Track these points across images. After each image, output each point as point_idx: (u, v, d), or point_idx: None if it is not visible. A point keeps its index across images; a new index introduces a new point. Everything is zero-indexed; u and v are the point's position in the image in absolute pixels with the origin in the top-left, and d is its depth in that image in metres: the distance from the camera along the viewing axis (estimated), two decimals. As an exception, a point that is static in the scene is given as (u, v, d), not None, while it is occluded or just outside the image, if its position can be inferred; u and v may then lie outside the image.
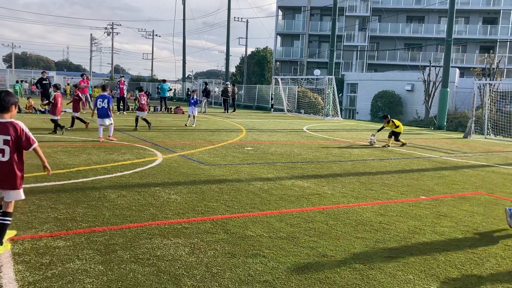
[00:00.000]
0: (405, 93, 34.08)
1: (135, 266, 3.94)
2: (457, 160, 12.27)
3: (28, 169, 7.91)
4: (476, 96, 21.55)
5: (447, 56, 25.33)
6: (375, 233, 5.28)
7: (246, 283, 3.73)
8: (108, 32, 73.27)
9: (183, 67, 57.30)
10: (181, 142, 12.94)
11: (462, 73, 41.58)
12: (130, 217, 5.40)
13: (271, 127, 19.98)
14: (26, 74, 67.43)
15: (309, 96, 32.47)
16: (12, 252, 4.12)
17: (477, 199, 7.38)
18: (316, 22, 53.25)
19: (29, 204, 5.72)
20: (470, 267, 4.35)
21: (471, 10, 48.00)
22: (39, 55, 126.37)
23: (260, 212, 5.91)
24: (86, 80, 26.14)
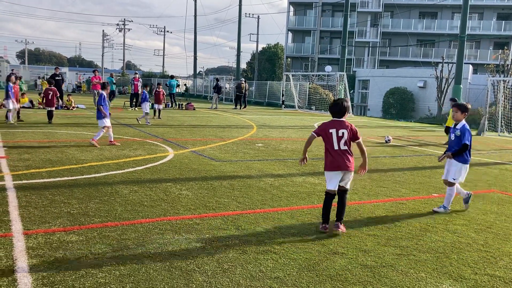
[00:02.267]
0: (417, 89, 33.77)
1: (147, 261, 3.97)
2: (470, 157, 12.12)
3: (40, 164, 8.01)
4: (489, 93, 21.31)
5: (460, 53, 25.04)
6: (387, 230, 5.25)
7: (257, 279, 3.74)
8: (120, 28, 73.62)
9: (194, 63, 57.47)
10: (192, 138, 12.98)
11: (476, 69, 41.10)
12: (142, 212, 5.43)
13: (282, 124, 19.95)
14: (39, 70, 68.07)
15: (320, 93, 32.33)
16: (26, 246, 4.17)
17: (490, 197, 7.30)
18: (328, 18, 52.97)
19: (42, 199, 5.78)
20: (483, 265, 4.30)
21: (485, 6, 47.37)
22: (52, 51, 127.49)
23: (271, 208, 5.92)
24: (98, 76, 26.36)
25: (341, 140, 5.00)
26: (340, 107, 5.13)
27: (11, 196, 5.85)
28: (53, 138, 11.54)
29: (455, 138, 6.16)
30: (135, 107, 25.20)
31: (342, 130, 5.02)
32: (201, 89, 51.86)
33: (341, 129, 5.03)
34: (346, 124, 5.08)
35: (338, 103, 5.15)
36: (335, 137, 5.01)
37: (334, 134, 5.02)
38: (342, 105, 5.13)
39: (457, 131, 6.12)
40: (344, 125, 5.07)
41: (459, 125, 6.17)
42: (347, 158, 5.02)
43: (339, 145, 5.00)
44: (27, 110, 21.03)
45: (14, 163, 7.96)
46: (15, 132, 12.42)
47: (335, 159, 5.01)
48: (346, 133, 5.03)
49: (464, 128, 6.10)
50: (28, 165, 7.90)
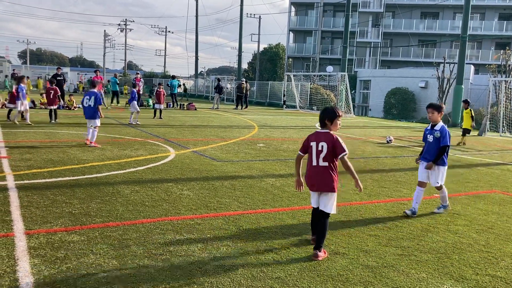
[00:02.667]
0: (418, 90, 33.75)
1: (148, 261, 3.98)
2: (471, 158, 12.13)
3: (42, 164, 8.02)
4: (491, 93, 21.27)
5: (462, 53, 25.02)
6: (388, 230, 5.25)
7: (258, 279, 3.74)
8: (121, 29, 73.67)
9: (196, 64, 57.46)
10: (194, 138, 12.99)
11: (477, 70, 41.05)
12: (143, 212, 5.44)
13: (284, 124, 19.95)
14: (41, 70, 68.18)
15: (321, 93, 32.32)
16: (28, 246, 4.18)
17: (492, 198, 7.29)
18: (329, 18, 52.96)
19: (44, 199, 5.79)
20: (485, 266, 4.30)
21: (487, 6, 47.31)
22: (54, 51, 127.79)
23: (273, 208, 5.92)
24: (99, 77, 26.39)
25: (320, 154, 4.33)
26: (321, 115, 4.48)
27: (13, 196, 5.86)
28: (55, 138, 11.56)
29: (433, 140, 5.93)
30: (136, 107, 25.21)
31: (321, 143, 4.34)
32: (202, 89, 51.88)
33: (321, 142, 4.35)
34: (329, 136, 4.37)
35: (324, 109, 4.54)
36: (314, 151, 4.38)
37: (314, 147, 4.40)
38: (324, 112, 4.47)
39: (437, 133, 5.90)
40: (325, 138, 4.37)
41: (437, 126, 5.95)
42: (325, 176, 4.34)
43: (317, 160, 4.35)
44: (29, 110, 21.04)
45: (16, 163, 7.97)
46: (17, 132, 12.44)
47: (311, 176, 4.40)
48: (325, 147, 4.33)
49: (444, 129, 5.91)
50: (30, 165, 7.91)
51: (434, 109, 5.95)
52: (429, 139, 5.99)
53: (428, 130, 6.09)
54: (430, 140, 5.97)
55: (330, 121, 4.41)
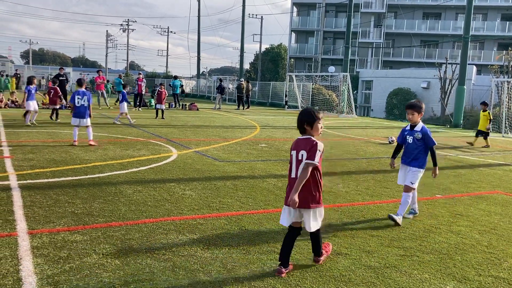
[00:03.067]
0: (420, 90, 33.71)
1: (151, 261, 3.99)
2: (474, 158, 12.11)
3: (45, 164, 8.04)
4: (493, 94, 21.26)
5: (464, 53, 24.99)
6: (390, 231, 5.25)
7: (261, 279, 3.74)
8: (123, 29, 73.81)
9: (198, 64, 57.52)
10: (196, 139, 13.00)
11: (479, 70, 40.99)
12: (146, 212, 5.45)
13: (285, 124, 19.95)
14: (43, 70, 68.30)
15: (323, 93, 32.32)
16: (31, 246, 4.19)
17: (494, 198, 7.28)
18: (331, 19, 52.96)
19: (47, 198, 5.81)
20: (487, 267, 4.30)
21: (489, 7, 47.25)
22: (56, 51, 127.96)
23: (275, 209, 5.92)
24: (102, 77, 26.44)
25: (300, 165, 3.84)
26: (299, 119, 3.97)
27: (16, 195, 5.87)
28: (57, 138, 11.58)
29: (413, 141, 5.61)
30: (139, 107, 25.27)
31: (301, 152, 3.85)
32: (204, 89, 51.91)
33: (301, 150, 3.86)
34: (309, 143, 3.86)
35: (301, 112, 4.00)
36: (294, 160, 3.89)
37: (294, 157, 3.91)
38: (302, 116, 3.95)
39: (417, 134, 5.57)
40: (305, 145, 3.85)
41: (417, 127, 5.62)
42: (303, 191, 3.81)
43: (297, 171, 3.85)
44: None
45: (18, 163, 7.99)
46: (19, 132, 12.47)
47: (289, 190, 3.89)
48: (305, 156, 3.82)
49: (425, 130, 5.60)
50: (33, 165, 7.93)
51: (415, 110, 5.61)
52: (409, 140, 5.68)
53: (407, 131, 5.75)
54: (410, 141, 5.67)
55: (309, 125, 3.91)
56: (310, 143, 3.85)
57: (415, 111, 5.60)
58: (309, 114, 3.92)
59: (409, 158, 5.68)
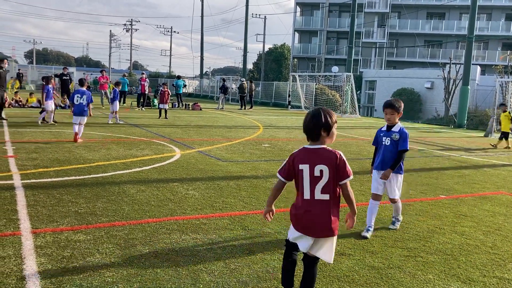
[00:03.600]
0: (424, 90, 33.63)
1: (154, 261, 3.98)
2: (478, 159, 12.07)
3: (48, 163, 8.06)
4: (498, 94, 21.16)
5: (468, 53, 24.90)
6: (394, 232, 5.23)
7: (264, 279, 3.74)
8: (127, 29, 73.89)
9: (201, 64, 57.59)
10: (199, 138, 13.00)
11: (484, 70, 40.84)
12: (149, 212, 5.45)
13: (289, 124, 19.94)
14: (47, 70, 68.47)
15: (327, 93, 32.28)
16: (35, 245, 4.20)
17: (499, 199, 7.25)
18: (335, 19, 52.89)
19: (50, 198, 5.81)
20: (492, 268, 4.27)
21: (494, 6, 47.08)
22: (60, 51, 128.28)
23: (278, 209, 5.89)
24: (105, 76, 26.50)
25: (318, 183, 3.06)
26: (311, 124, 3.16)
27: (20, 195, 5.89)
28: (61, 138, 11.61)
29: (391, 143, 5.11)
30: (142, 107, 25.31)
31: (320, 166, 3.07)
32: (207, 89, 51.93)
33: (318, 163, 3.08)
34: (330, 156, 3.10)
35: (314, 115, 3.15)
36: (307, 178, 3.08)
37: (306, 173, 3.10)
38: (315, 119, 3.14)
39: (395, 135, 5.10)
40: (324, 158, 3.10)
41: (395, 128, 5.15)
42: (324, 216, 3.08)
43: (313, 192, 3.07)
44: (35, 109, 21.16)
45: (22, 162, 8.01)
46: (23, 131, 12.50)
47: (303, 215, 3.13)
48: (326, 171, 3.06)
49: (403, 131, 5.14)
50: (36, 164, 7.95)
51: (395, 110, 5.12)
52: (385, 142, 5.15)
53: (383, 132, 5.24)
54: (387, 143, 5.14)
55: (326, 131, 3.13)
56: (331, 156, 3.08)
57: (395, 111, 5.12)
58: (326, 117, 3.12)
59: (387, 163, 5.12)
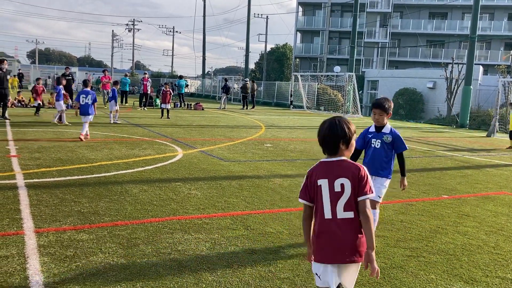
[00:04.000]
0: (426, 90, 33.57)
1: (156, 260, 3.99)
2: (480, 159, 12.05)
3: (51, 163, 8.08)
4: (500, 94, 21.10)
5: (471, 53, 24.86)
6: (397, 232, 5.23)
7: (266, 279, 3.74)
8: (129, 29, 74.01)
9: (203, 64, 57.57)
10: (201, 138, 13.01)
11: (486, 70, 40.76)
12: (151, 211, 5.46)
13: (291, 124, 19.94)
14: (49, 70, 68.62)
15: (329, 93, 32.26)
16: (38, 244, 4.21)
17: (501, 199, 7.24)
18: (337, 19, 52.85)
19: (53, 197, 5.83)
20: (495, 268, 4.27)
21: (496, 6, 46.99)
22: (62, 51, 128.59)
23: (280, 209, 5.91)
24: (108, 76, 26.54)
25: (340, 199, 2.66)
26: (328, 135, 2.73)
27: (23, 194, 5.90)
28: (63, 137, 11.64)
29: (382, 146, 4.71)
30: (144, 106, 25.34)
31: (340, 180, 2.67)
32: (209, 89, 51.96)
33: (338, 177, 2.68)
34: (351, 169, 2.70)
35: (331, 125, 2.73)
36: (327, 194, 2.69)
37: (325, 188, 2.70)
38: (334, 130, 2.72)
39: (387, 137, 4.67)
40: (345, 171, 2.69)
41: (386, 129, 4.72)
42: (349, 237, 2.64)
43: (334, 210, 2.66)
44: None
45: (25, 162, 8.03)
46: (26, 131, 12.53)
47: (323, 238, 2.68)
48: (348, 184, 2.66)
49: (395, 133, 4.74)
50: (39, 164, 7.97)
51: (383, 110, 4.65)
52: (375, 145, 4.74)
53: (372, 134, 4.79)
54: (377, 145, 4.73)
55: (345, 143, 2.72)
56: (352, 168, 2.70)
57: (384, 111, 4.65)
58: (344, 128, 2.72)
59: (376, 166, 4.73)
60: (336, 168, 2.72)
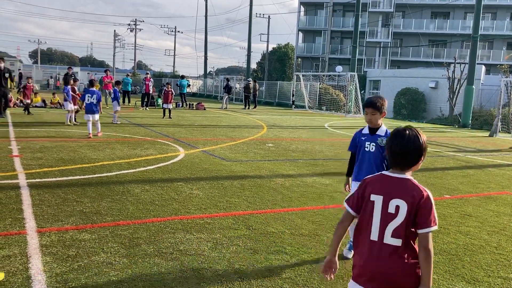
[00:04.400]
0: (428, 90, 33.50)
1: (158, 260, 4.00)
2: (483, 159, 12.03)
3: (53, 162, 8.09)
4: (502, 94, 21.06)
5: (473, 53, 24.82)
6: (398, 231, 5.21)
7: (268, 279, 3.74)
8: (131, 29, 74.05)
9: (205, 64, 57.62)
10: (203, 138, 13.02)
11: (488, 70, 40.66)
12: (153, 211, 5.47)
13: (292, 124, 19.93)
14: (52, 70, 68.72)
15: (330, 93, 32.23)
16: (40, 244, 4.22)
17: (504, 199, 7.22)
18: (339, 18, 52.80)
19: (55, 197, 5.84)
20: (497, 268, 4.26)
21: (499, 6, 46.86)
22: (64, 51, 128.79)
23: (282, 208, 5.91)
24: (109, 76, 26.57)
25: (390, 223, 2.33)
26: (414, 146, 2.39)
27: (25, 194, 5.92)
28: (65, 137, 11.66)
29: (377, 149, 4.20)
30: (146, 106, 25.36)
31: (396, 201, 2.33)
32: (211, 89, 51.99)
33: (395, 197, 2.34)
34: (413, 191, 2.35)
35: (414, 137, 2.40)
36: (378, 213, 2.36)
37: (378, 206, 2.37)
38: (419, 142, 2.40)
39: (382, 139, 4.20)
40: (404, 190, 2.36)
41: (381, 131, 4.25)
42: (393, 267, 2.29)
43: (382, 232, 2.33)
44: (39, 109, 21.28)
45: (27, 162, 8.05)
46: (28, 131, 12.56)
47: (367, 261, 2.36)
48: (404, 208, 2.31)
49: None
50: (41, 163, 7.98)
51: (376, 109, 4.21)
52: (369, 148, 4.24)
53: (365, 136, 4.31)
54: (371, 149, 4.23)
55: (416, 161, 2.42)
56: (415, 192, 2.35)
57: (376, 110, 4.21)
58: (423, 140, 2.43)
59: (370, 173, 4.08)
60: (397, 186, 2.37)
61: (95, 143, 10.78)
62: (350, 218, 2.52)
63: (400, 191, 2.35)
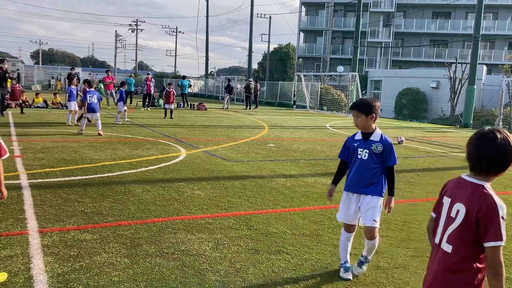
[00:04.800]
0: (430, 90, 33.47)
1: (160, 260, 4.00)
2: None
3: (55, 163, 8.10)
4: (504, 94, 21.04)
5: (475, 53, 24.78)
6: (400, 231, 5.22)
7: (269, 279, 3.74)
8: (132, 29, 74.14)
9: (206, 64, 57.66)
10: (204, 138, 13.03)
11: (490, 70, 40.60)
12: (154, 211, 5.47)
13: (294, 124, 19.93)
14: (53, 70, 68.82)
15: (332, 93, 32.22)
16: (42, 244, 4.23)
17: (505, 199, 7.20)
18: (340, 18, 52.78)
19: (57, 197, 5.85)
20: (498, 268, 4.25)
21: (500, 6, 46.81)
22: (65, 52, 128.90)
23: (283, 209, 5.92)
24: (111, 76, 26.62)
25: (449, 226, 2.25)
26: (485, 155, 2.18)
27: (27, 194, 5.93)
28: (67, 138, 11.67)
29: (370, 157, 3.82)
30: (147, 107, 25.39)
31: (458, 206, 2.23)
32: (212, 89, 52.01)
33: (458, 201, 2.24)
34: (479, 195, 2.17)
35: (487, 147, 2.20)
36: (444, 216, 2.32)
37: (445, 209, 2.32)
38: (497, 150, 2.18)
39: (376, 146, 3.82)
40: (470, 194, 2.20)
41: (375, 136, 3.87)
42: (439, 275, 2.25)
43: (442, 237, 2.28)
44: (41, 110, 21.31)
45: (29, 162, 8.06)
46: (30, 131, 12.58)
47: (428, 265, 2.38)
48: (462, 213, 2.20)
49: (387, 141, 3.88)
50: (43, 164, 8.00)
51: (360, 111, 3.81)
52: (362, 156, 3.86)
53: (358, 142, 3.91)
54: (364, 156, 3.84)
55: (503, 168, 2.21)
56: (482, 198, 2.16)
57: (361, 112, 3.81)
58: (510, 147, 2.23)
59: (364, 182, 3.86)
60: (466, 191, 2.23)
61: (96, 143, 10.80)
62: (431, 222, 2.48)
63: (467, 195, 2.21)
